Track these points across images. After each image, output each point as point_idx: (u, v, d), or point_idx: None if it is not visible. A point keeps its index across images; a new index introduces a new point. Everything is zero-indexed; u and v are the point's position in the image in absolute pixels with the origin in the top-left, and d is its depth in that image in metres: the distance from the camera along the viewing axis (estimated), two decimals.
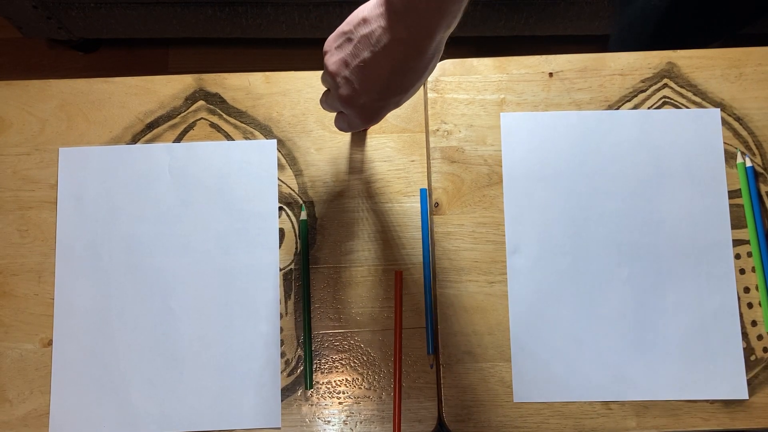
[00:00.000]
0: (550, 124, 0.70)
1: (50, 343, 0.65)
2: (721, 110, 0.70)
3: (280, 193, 0.68)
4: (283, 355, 0.65)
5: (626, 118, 0.70)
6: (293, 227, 0.68)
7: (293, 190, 0.69)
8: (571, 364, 0.65)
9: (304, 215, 0.68)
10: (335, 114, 0.59)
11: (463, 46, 1.39)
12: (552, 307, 0.66)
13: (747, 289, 0.66)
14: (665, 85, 0.71)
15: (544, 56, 0.71)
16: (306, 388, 0.64)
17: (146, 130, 0.70)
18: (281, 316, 0.66)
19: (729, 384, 0.64)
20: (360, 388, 0.65)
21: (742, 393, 0.64)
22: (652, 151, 0.69)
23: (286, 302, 0.66)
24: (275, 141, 0.69)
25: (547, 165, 0.69)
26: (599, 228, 0.68)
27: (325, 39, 0.53)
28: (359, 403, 0.64)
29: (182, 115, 0.70)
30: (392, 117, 0.70)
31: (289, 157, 0.69)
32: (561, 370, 0.65)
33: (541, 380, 0.65)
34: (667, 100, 0.70)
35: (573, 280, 0.67)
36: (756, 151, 0.69)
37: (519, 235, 0.67)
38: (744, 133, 0.70)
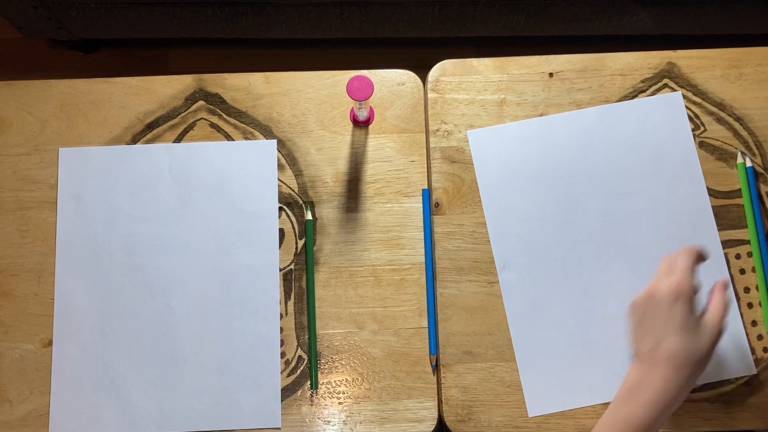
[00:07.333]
0: (517, 134, 0.69)
1: (50, 343, 0.65)
2: (722, 110, 0.70)
3: (280, 193, 0.68)
4: (283, 355, 0.65)
5: (589, 115, 0.69)
6: (293, 227, 0.68)
7: (293, 190, 0.69)
8: (576, 369, 0.65)
9: (309, 215, 0.68)
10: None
11: (463, 46, 1.40)
12: (549, 315, 0.65)
13: (747, 289, 0.66)
14: (665, 85, 0.70)
15: (544, 56, 0.71)
16: (311, 389, 0.64)
17: (146, 131, 0.70)
18: (281, 316, 0.66)
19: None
20: (360, 388, 0.65)
21: (742, 393, 0.64)
22: (621, 144, 0.69)
23: (286, 302, 0.66)
24: (275, 141, 0.69)
25: (521, 175, 0.68)
26: (583, 229, 0.67)
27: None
28: (359, 403, 0.64)
29: (182, 115, 0.70)
30: (392, 117, 0.70)
31: (289, 157, 0.69)
32: (567, 376, 0.64)
33: (551, 391, 0.64)
34: None
35: (567, 284, 0.66)
36: (756, 151, 0.69)
37: (506, 250, 0.67)
38: (744, 133, 0.69)
